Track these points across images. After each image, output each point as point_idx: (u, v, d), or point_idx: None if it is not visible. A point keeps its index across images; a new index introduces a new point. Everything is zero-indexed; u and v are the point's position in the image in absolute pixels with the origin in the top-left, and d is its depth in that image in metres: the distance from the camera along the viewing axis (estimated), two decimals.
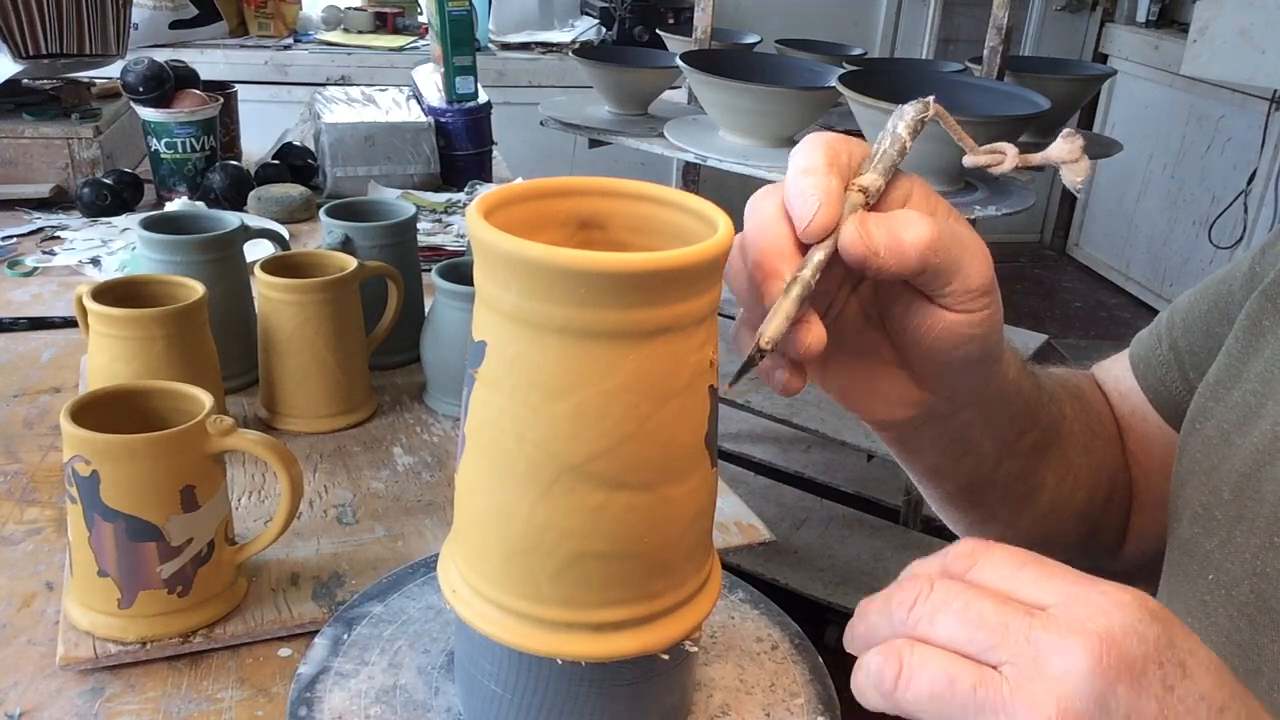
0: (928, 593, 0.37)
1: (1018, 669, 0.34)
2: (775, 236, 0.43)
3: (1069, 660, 0.33)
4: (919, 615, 0.36)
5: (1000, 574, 0.37)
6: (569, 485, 0.42)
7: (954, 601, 0.36)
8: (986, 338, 0.47)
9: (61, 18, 1.36)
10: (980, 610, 0.35)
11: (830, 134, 0.45)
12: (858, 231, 0.42)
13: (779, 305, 0.41)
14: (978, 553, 0.38)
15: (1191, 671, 0.34)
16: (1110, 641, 0.33)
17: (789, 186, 0.43)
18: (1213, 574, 0.53)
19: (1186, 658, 0.34)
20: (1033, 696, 0.33)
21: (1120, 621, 0.34)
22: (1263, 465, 0.51)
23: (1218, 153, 3.42)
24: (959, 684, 0.35)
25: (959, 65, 1.90)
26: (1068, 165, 0.46)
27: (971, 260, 0.44)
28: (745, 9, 3.32)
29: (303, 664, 0.54)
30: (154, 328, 0.71)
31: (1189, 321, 0.65)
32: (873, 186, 0.43)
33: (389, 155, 1.44)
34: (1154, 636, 0.34)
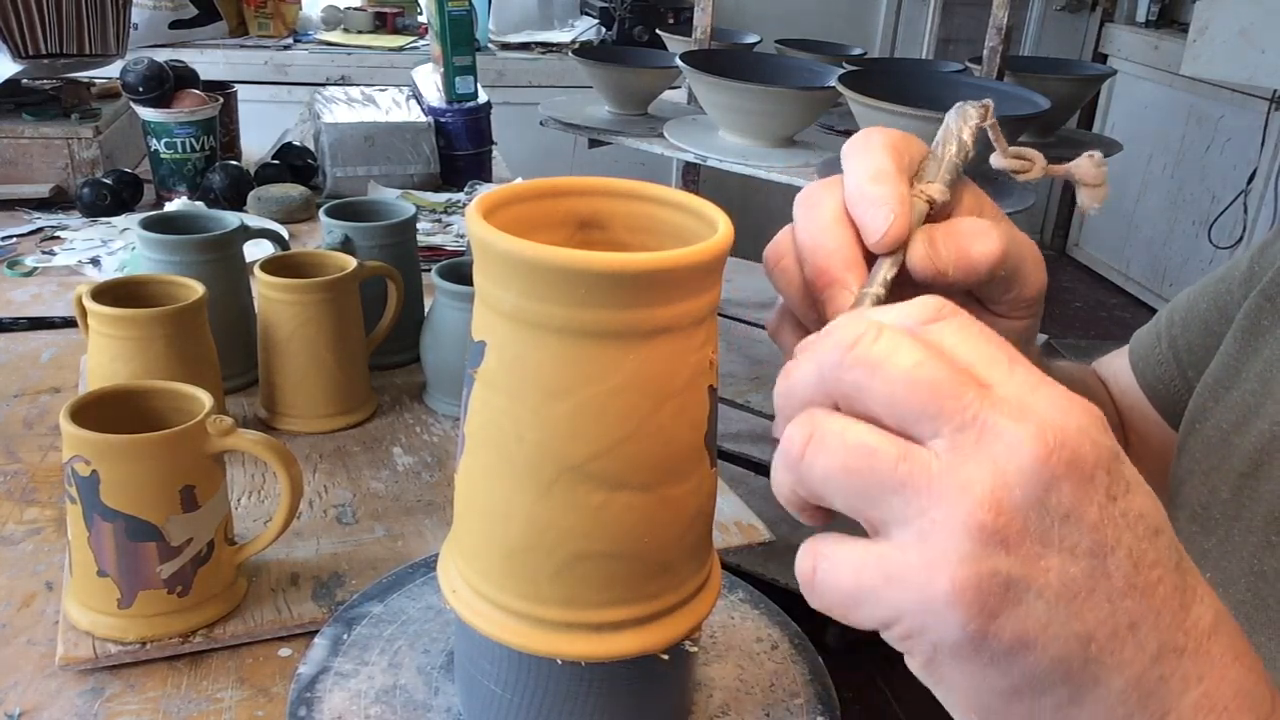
0: (874, 337, 0.32)
1: (955, 447, 0.30)
2: (840, 244, 0.41)
3: (1017, 445, 0.30)
4: (861, 357, 0.31)
5: (962, 339, 0.32)
6: (569, 485, 0.42)
7: (902, 356, 0.31)
8: (1028, 341, 0.47)
9: (61, 18, 1.36)
10: (934, 370, 0.31)
11: (891, 132, 0.43)
12: (926, 251, 0.40)
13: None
14: (944, 311, 0.33)
15: (1135, 488, 0.32)
16: (1064, 437, 0.30)
17: (857, 191, 0.41)
18: (1210, 573, 0.53)
19: (1130, 474, 0.32)
20: (965, 478, 0.30)
21: (1077, 421, 0.31)
22: (1261, 465, 0.52)
23: (1218, 153, 3.42)
24: (880, 456, 0.31)
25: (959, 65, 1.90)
26: (1088, 188, 0.45)
27: (1031, 268, 0.43)
28: (745, 9, 3.32)
29: (302, 664, 0.54)
30: (154, 328, 0.71)
31: (1188, 320, 0.65)
32: (940, 198, 0.42)
33: (389, 155, 1.44)
34: (1107, 446, 0.31)
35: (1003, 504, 0.30)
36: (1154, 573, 0.31)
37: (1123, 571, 0.31)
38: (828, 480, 0.32)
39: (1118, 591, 0.31)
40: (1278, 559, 0.49)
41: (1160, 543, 0.32)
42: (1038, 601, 0.30)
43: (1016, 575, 0.30)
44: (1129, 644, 0.31)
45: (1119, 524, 0.31)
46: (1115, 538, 0.31)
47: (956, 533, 0.30)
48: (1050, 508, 0.30)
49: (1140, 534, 0.31)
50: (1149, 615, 0.31)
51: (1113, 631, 0.31)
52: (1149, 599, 0.31)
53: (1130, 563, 0.31)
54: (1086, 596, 0.31)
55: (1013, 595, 0.30)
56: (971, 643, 0.31)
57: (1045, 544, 0.30)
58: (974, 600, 0.30)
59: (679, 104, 1.91)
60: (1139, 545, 0.31)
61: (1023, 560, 0.30)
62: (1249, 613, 0.50)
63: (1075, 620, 0.31)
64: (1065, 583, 0.31)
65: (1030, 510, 0.30)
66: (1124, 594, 0.31)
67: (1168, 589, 0.32)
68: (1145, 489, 0.33)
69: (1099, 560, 0.31)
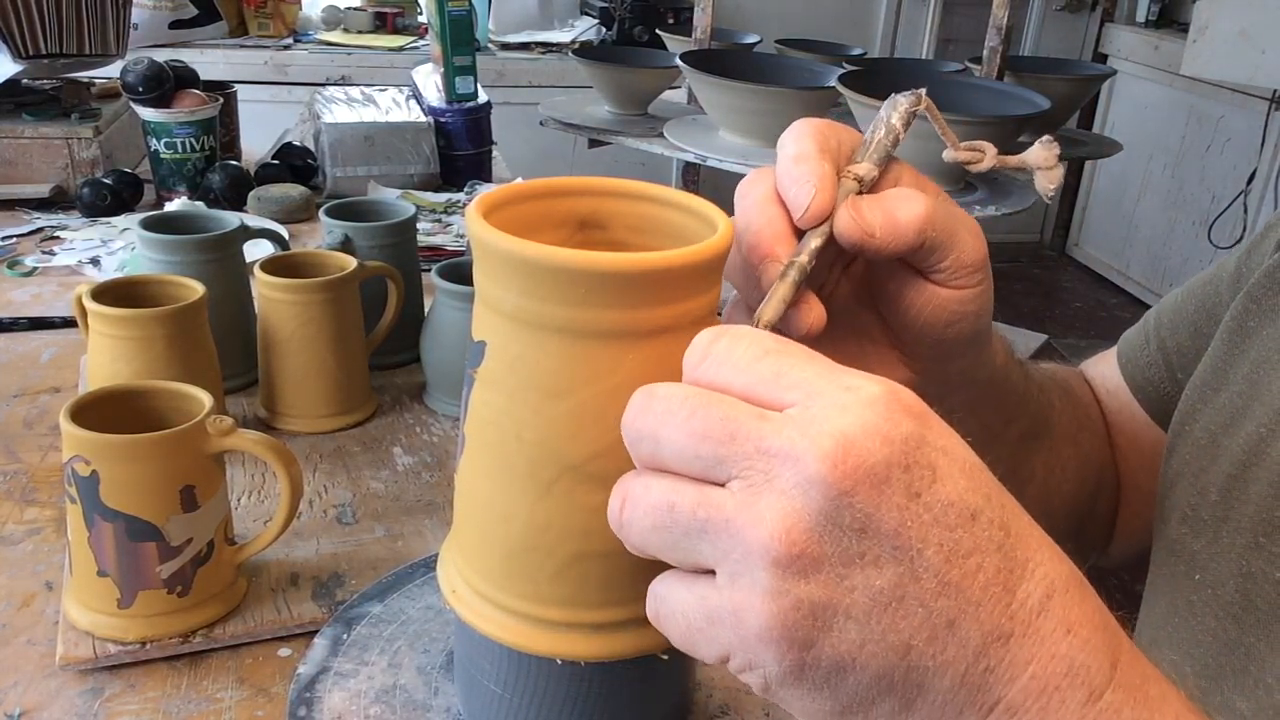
0: (648, 404, 0.33)
1: (746, 484, 0.31)
2: (769, 219, 0.42)
3: (799, 469, 0.30)
4: (641, 431, 0.33)
5: (735, 369, 0.33)
6: (569, 485, 0.42)
7: (678, 412, 0.32)
8: (978, 315, 0.47)
9: (61, 18, 1.36)
10: (705, 420, 0.31)
11: (819, 120, 0.44)
12: (851, 215, 0.42)
13: (775, 289, 0.41)
14: (712, 344, 0.34)
15: (943, 474, 0.31)
16: (848, 445, 0.30)
17: (782, 172, 0.43)
18: (1199, 574, 0.53)
19: (938, 459, 0.31)
20: (757, 513, 0.30)
21: (863, 421, 0.30)
22: (1249, 466, 0.52)
23: (1218, 153, 3.42)
24: (679, 508, 0.32)
25: (959, 65, 1.90)
26: (1042, 171, 0.46)
27: (966, 234, 0.44)
28: (745, 9, 3.32)
29: (302, 664, 0.54)
30: (154, 328, 0.71)
31: (1176, 321, 0.65)
32: (867, 176, 0.43)
33: (389, 155, 1.44)
34: (902, 436, 0.30)
35: (794, 532, 0.30)
36: (970, 561, 0.31)
37: (933, 570, 0.30)
38: (644, 538, 0.33)
39: (930, 593, 0.30)
40: (1266, 560, 0.49)
41: (977, 527, 0.31)
42: (848, 623, 0.30)
43: (821, 601, 0.30)
44: (950, 644, 0.31)
45: (924, 521, 0.30)
46: (921, 537, 0.30)
47: (756, 570, 0.30)
48: (845, 525, 0.30)
49: (952, 523, 0.31)
50: (968, 609, 0.31)
51: (930, 635, 0.30)
52: (966, 592, 0.31)
53: (941, 558, 0.30)
54: (897, 606, 0.30)
55: (821, 622, 0.30)
56: (793, 673, 0.31)
57: (846, 563, 0.30)
58: (783, 636, 0.30)
59: (679, 104, 1.91)
60: (950, 537, 0.31)
61: (825, 585, 0.30)
62: (1237, 613, 0.50)
63: (890, 633, 0.30)
64: (873, 597, 0.30)
65: (824, 533, 0.30)
66: (937, 594, 0.30)
67: (989, 575, 0.31)
68: (959, 466, 0.32)
69: (905, 565, 0.30)
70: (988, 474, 0.33)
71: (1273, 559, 0.49)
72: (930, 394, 0.51)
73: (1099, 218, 4.06)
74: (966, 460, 0.32)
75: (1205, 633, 0.52)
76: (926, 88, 0.46)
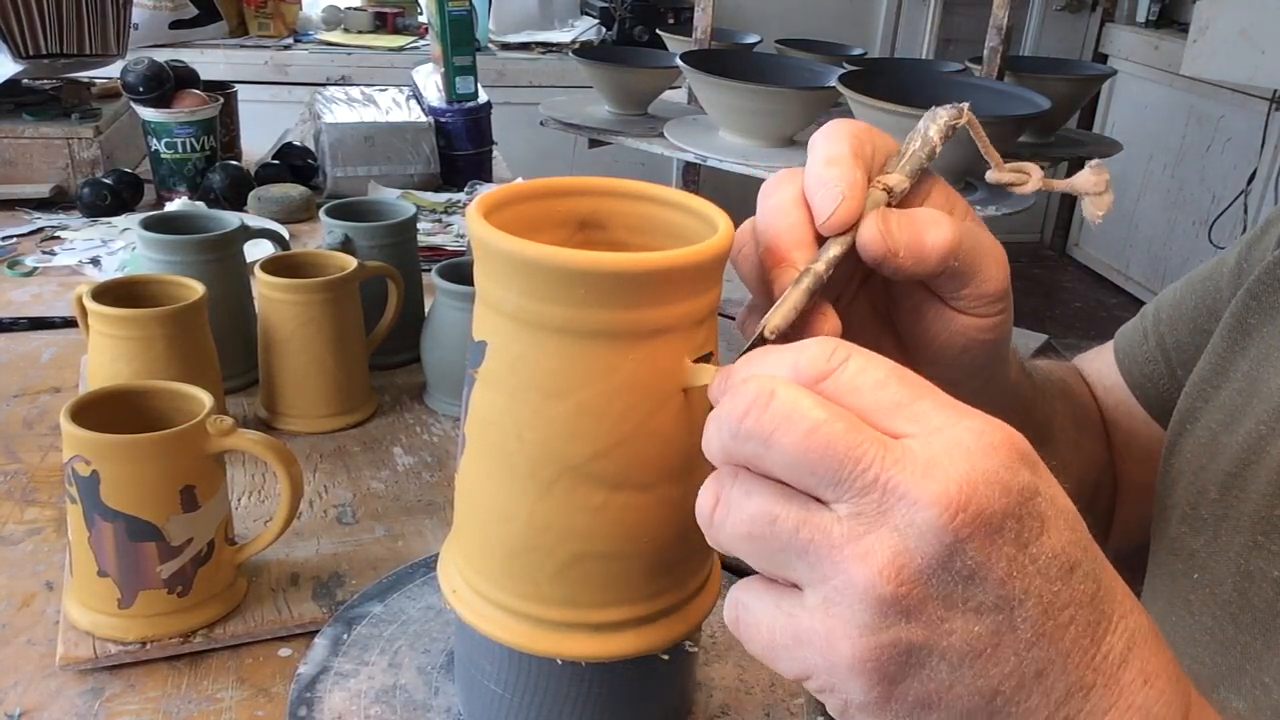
0: (765, 403, 0.31)
1: (858, 512, 0.30)
2: (791, 224, 0.41)
3: (919, 511, 0.29)
4: (752, 430, 0.31)
5: (861, 386, 0.31)
6: (569, 485, 0.42)
7: (799, 421, 0.30)
8: (996, 343, 0.46)
9: (61, 18, 1.36)
10: (830, 437, 0.30)
11: (856, 122, 0.43)
12: (879, 229, 0.40)
13: (788, 295, 0.40)
14: (837, 355, 0.32)
15: (1050, 525, 0.31)
16: (971, 491, 0.29)
17: (810, 175, 0.41)
18: (1198, 573, 0.53)
19: (1047, 509, 0.31)
20: (866, 546, 0.29)
21: (986, 468, 0.30)
22: (1248, 464, 0.52)
23: (1218, 153, 3.42)
24: (781, 523, 0.31)
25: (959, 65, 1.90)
26: (1091, 197, 0.45)
27: (989, 265, 0.43)
28: (745, 9, 3.32)
29: (303, 664, 0.54)
30: (154, 328, 0.71)
31: (1175, 318, 0.64)
32: (898, 187, 0.42)
33: (389, 155, 1.44)
34: (1019, 487, 0.30)
35: (904, 573, 0.29)
36: (1065, 614, 0.31)
37: (1031, 621, 0.30)
38: (735, 544, 0.32)
39: (1025, 643, 0.30)
40: (1264, 559, 0.49)
41: (1074, 580, 0.31)
42: (941, 664, 0.30)
43: (919, 642, 0.30)
44: (1035, 693, 0.31)
45: (1028, 572, 0.30)
46: (1024, 588, 0.30)
47: (856, 603, 0.30)
48: (954, 571, 0.30)
49: (1053, 575, 0.31)
50: (1057, 660, 0.31)
51: (1019, 683, 0.31)
52: (1058, 644, 0.31)
53: (1040, 610, 0.30)
54: (992, 653, 0.30)
55: (915, 661, 0.30)
56: (876, 704, 0.31)
57: (949, 607, 0.30)
58: (875, 670, 0.30)
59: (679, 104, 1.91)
60: (1050, 589, 0.31)
61: (925, 625, 0.30)
62: (1235, 612, 0.50)
63: (980, 678, 0.30)
64: (969, 642, 0.30)
65: (933, 576, 0.30)
66: (1031, 644, 0.30)
67: (1080, 628, 0.31)
68: (1064, 517, 0.32)
69: (1006, 614, 0.30)
70: (1083, 524, 0.33)
71: (1271, 558, 0.49)
72: None
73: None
74: (1069, 511, 0.32)
75: (1202, 632, 0.52)
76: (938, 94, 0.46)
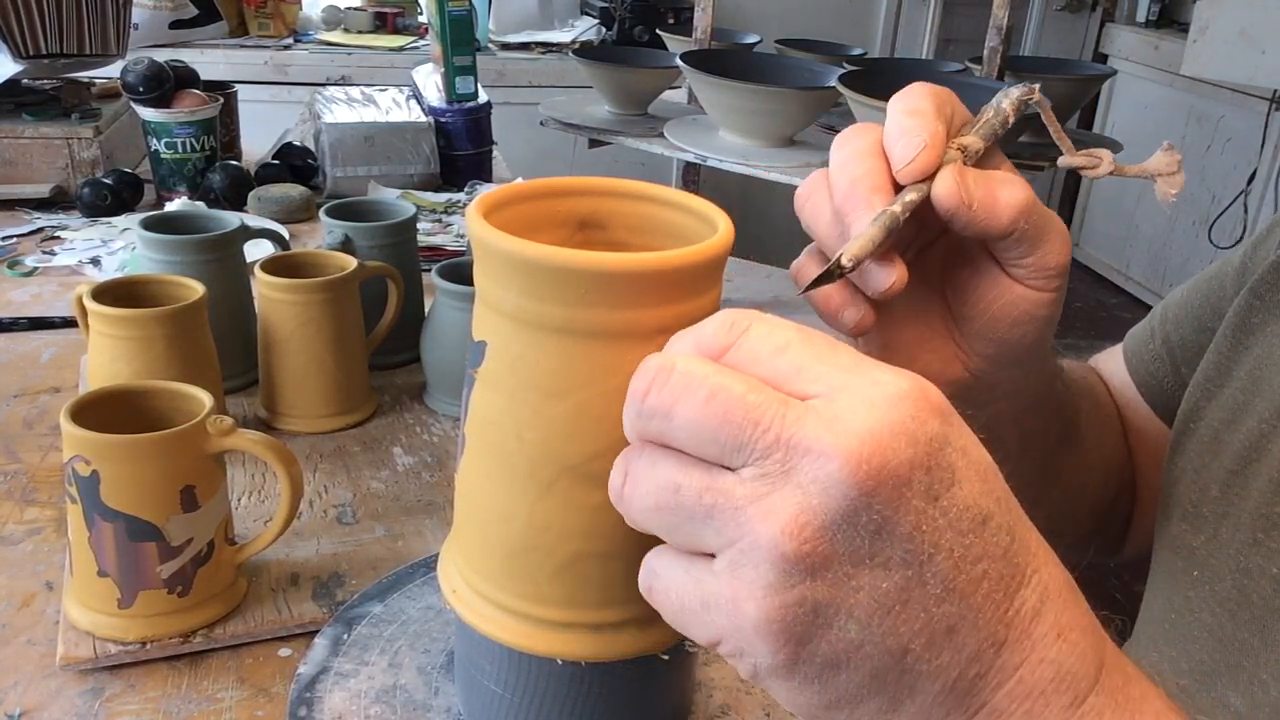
0: (665, 378, 0.31)
1: (761, 473, 0.30)
2: (869, 170, 0.41)
3: (821, 466, 0.29)
4: (654, 407, 0.31)
5: (760, 353, 0.31)
6: (569, 485, 0.42)
7: (697, 390, 0.30)
8: (1046, 321, 0.46)
9: (61, 18, 1.36)
10: (727, 402, 0.30)
11: (936, 86, 0.43)
12: (955, 181, 0.41)
13: (866, 230, 0.40)
14: (737, 326, 0.32)
15: (961, 476, 0.30)
16: (875, 444, 0.29)
17: (892, 124, 0.42)
18: (1198, 570, 0.53)
19: (958, 460, 0.30)
20: (769, 505, 0.29)
21: (891, 419, 0.29)
22: (1250, 463, 0.52)
23: (1218, 153, 3.42)
24: (684, 490, 0.31)
25: (959, 65, 1.90)
26: (1164, 177, 0.45)
27: (1054, 238, 0.44)
28: (745, 9, 3.32)
29: (303, 664, 0.54)
30: (154, 328, 0.71)
31: (1181, 317, 0.65)
32: (972, 147, 0.43)
33: (389, 155, 1.44)
34: (928, 436, 0.30)
35: (808, 529, 0.29)
36: (977, 568, 0.30)
37: (941, 576, 0.30)
38: (645, 517, 0.33)
39: (934, 599, 0.30)
40: (1264, 556, 0.49)
41: (987, 533, 0.31)
42: (849, 622, 0.30)
43: (825, 600, 0.30)
44: (946, 649, 0.30)
45: (938, 525, 0.30)
46: (934, 542, 0.30)
47: (761, 563, 0.30)
48: (860, 526, 0.29)
49: (965, 529, 0.30)
50: (968, 615, 0.30)
51: (929, 640, 0.30)
52: (969, 599, 0.30)
53: (950, 564, 0.30)
54: (901, 609, 0.30)
55: (822, 620, 0.30)
56: (785, 666, 0.31)
57: (855, 563, 0.29)
58: (781, 631, 0.30)
59: (679, 104, 1.91)
60: (961, 542, 0.30)
61: (831, 584, 0.29)
62: (1234, 610, 0.50)
63: (889, 636, 0.30)
64: (878, 599, 0.30)
65: (838, 532, 0.29)
66: (941, 600, 0.30)
67: (992, 582, 0.31)
68: (975, 469, 0.31)
69: (915, 569, 0.30)
70: (999, 476, 0.32)
71: (1270, 555, 0.49)
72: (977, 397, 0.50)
73: (1099, 218, 4.06)
74: (982, 462, 0.32)
75: (1201, 629, 0.52)
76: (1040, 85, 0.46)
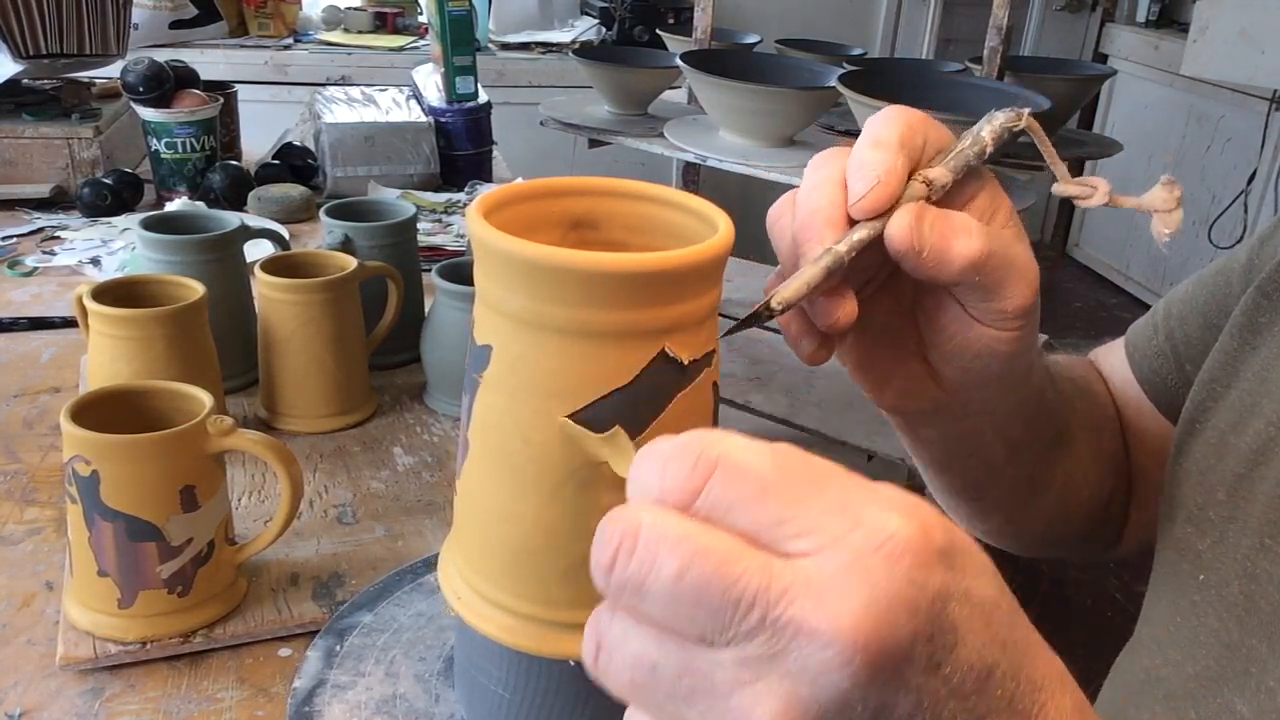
0: (630, 547, 0.27)
1: (744, 657, 0.27)
2: (828, 202, 0.41)
3: (811, 652, 0.26)
4: (622, 581, 0.28)
5: (735, 500, 0.28)
6: (578, 486, 0.42)
7: (666, 563, 0.27)
8: (1013, 355, 0.46)
9: (61, 18, 1.36)
10: (701, 577, 0.26)
11: (912, 111, 0.43)
12: (909, 223, 0.40)
13: (804, 271, 0.40)
14: (705, 459, 0.28)
15: (964, 632, 0.28)
16: (872, 624, 0.26)
17: (853, 156, 0.41)
18: (1204, 574, 0.52)
19: (960, 612, 0.28)
20: (754, 696, 0.26)
21: (890, 589, 0.26)
22: (1257, 466, 0.51)
23: (1218, 153, 3.42)
24: (661, 671, 0.28)
25: (959, 65, 1.90)
26: (1160, 214, 0.43)
27: (1015, 283, 0.43)
28: (745, 9, 3.32)
29: (297, 678, 0.54)
30: (154, 328, 0.71)
31: (1186, 313, 0.64)
32: (938, 181, 0.42)
33: (389, 155, 1.44)
34: (928, 600, 0.27)
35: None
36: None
37: None
38: (623, 693, 0.29)
39: None
40: (1271, 562, 0.49)
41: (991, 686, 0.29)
42: None
43: None
44: None
45: (940, 695, 0.28)
46: (935, 714, 0.28)
47: None
48: (855, 715, 0.27)
49: (968, 690, 0.28)
50: None
51: None
52: None
53: None
54: None
55: None
56: None
57: None
58: None
59: (679, 104, 1.91)
60: (964, 705, 0.28)
61: None
62: (1240, 615, 0.50)
63: None
64: None
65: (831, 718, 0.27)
66: None
67: None
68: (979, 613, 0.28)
69: None
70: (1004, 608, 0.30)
71: (1278, 560, 0.48)
72: (953, 411, 0.50)
73: (1099, 218, 4.06)
74: (985, 600, 0.29)
75: (1207, 634, 0.51)
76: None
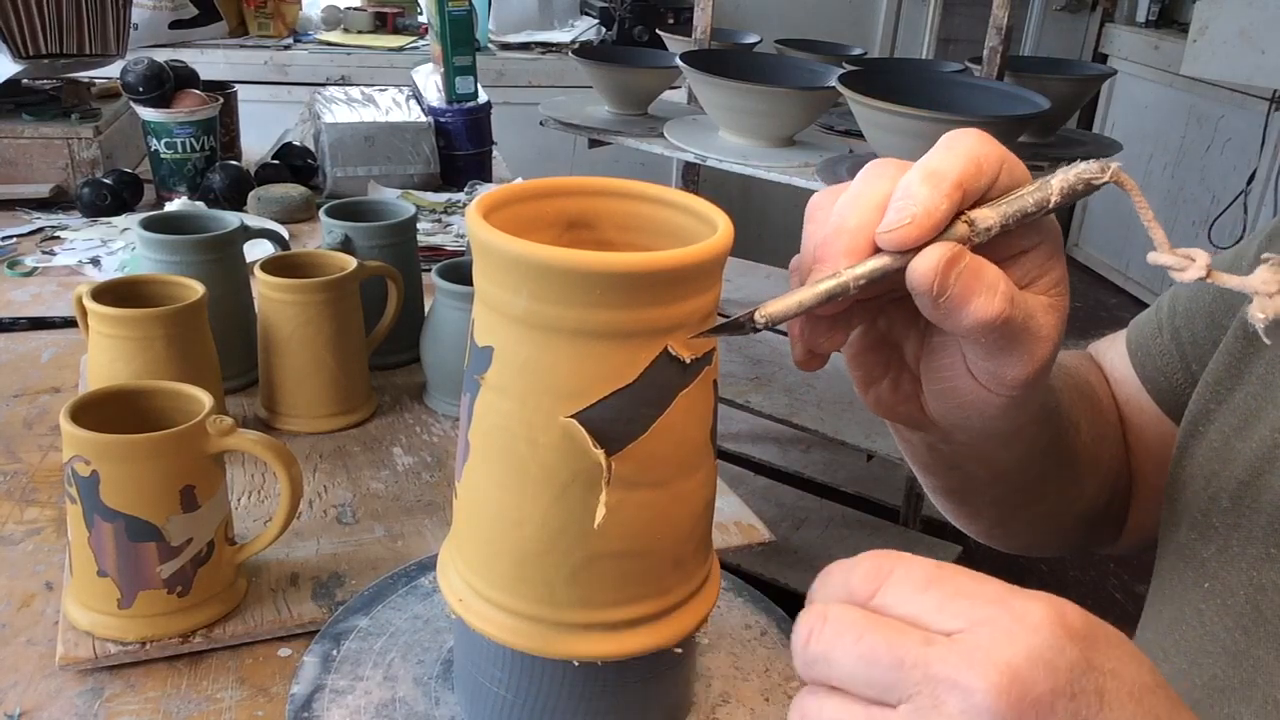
0: (820, 627, 0.34)
1: (915, 709, 0.32)
2: (857, 224, 0.40)
3: (965, 699, 0.31)
4: (814, 654, 0.34)
5: (903, 595, 0.34)
6: (584, 487, 0.42)
7: (847, 636, 0.34)
8: (1001, 417, 0.46)
9: (61, 18, 1.36)
10: (873, 645, 0.33)
11: (987, 144, 0.40)
12: (936, 265, 0.38)
13: (801, 290, 0.39)
14: (882, 572, 0.35)
15: (1110, 699, 0.32)
16: (1014, 675, 0.31)
17: (905, 178, 0.39)
18: (1209, 582, 0.52)
19: (1105, 683, 0.32)
20: None
21: (1029, 650, 0.31)
22: (1261, 473, 0.50)
23: (1218, 153, 3.42)
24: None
25: (959, 65, 1.90)
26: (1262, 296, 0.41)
27: (1021, 354, 0.42)
28: (745, 9, 3.32)
29: (295, 684, 0.53)
30: (154, 328, 0.71)
31: (1191, 310, 0.62)
32: (981, 224, 0.39)
33: (389, 155, 1.44)
34: (1067, 664, 0.32)
35: None
36: None
37: None
38: None
39: None
40: (1277, 571, 0.48)
41: None
42: None
43: None
44: None
45: None
46: None
47: None
48: None
49: None
50: None
51: None
52: None
53: None
54: None
55: None
56: None
57: None
58: None
59: (679, 104, 1.91)
60: None
61: None
62: (1247, 625, 0.49)
63: None
64: None
65: None
66: None
67: None
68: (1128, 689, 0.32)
69: None
70: (1160, 694, 0.34)
71: None
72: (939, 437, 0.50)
73: (1099, 218, 4.06)
74: (1136, 683, 0.33)
75: (1213, 643, 0.51)
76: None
